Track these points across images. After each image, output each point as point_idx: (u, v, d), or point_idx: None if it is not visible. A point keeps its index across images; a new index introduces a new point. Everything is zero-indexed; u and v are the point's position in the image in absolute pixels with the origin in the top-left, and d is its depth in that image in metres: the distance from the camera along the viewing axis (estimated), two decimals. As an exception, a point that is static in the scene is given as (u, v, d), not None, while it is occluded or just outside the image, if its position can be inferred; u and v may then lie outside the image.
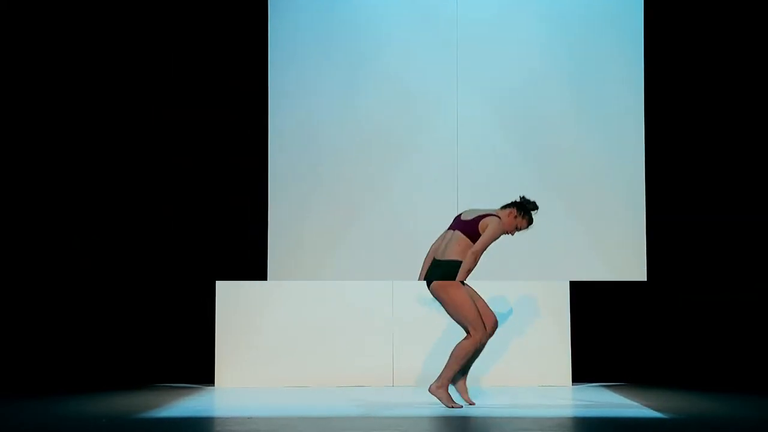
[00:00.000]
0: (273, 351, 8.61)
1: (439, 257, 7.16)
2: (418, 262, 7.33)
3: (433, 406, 7.23)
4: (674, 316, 8.96)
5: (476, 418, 6.62)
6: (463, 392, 7.24)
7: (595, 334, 8.86)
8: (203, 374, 8.67)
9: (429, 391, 7.13)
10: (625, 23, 8.82)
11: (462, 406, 7.10)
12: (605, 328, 8.92)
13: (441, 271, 7.11)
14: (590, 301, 8.86)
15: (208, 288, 8.69)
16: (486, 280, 8.71)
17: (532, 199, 7.25)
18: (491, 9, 8.84)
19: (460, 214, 7.28)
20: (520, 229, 7.25)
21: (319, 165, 8.26)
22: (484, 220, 7.13)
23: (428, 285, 7.20)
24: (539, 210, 7.22)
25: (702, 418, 6.54)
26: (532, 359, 8.64)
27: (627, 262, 8.70)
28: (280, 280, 8.68)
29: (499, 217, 7.15)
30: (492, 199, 8.57)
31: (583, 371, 8.74)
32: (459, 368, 7.13)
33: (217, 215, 8.90)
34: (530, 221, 7.24)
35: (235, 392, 8.21)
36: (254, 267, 8.79)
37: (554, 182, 8.73)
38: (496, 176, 8.73)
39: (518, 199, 7.25)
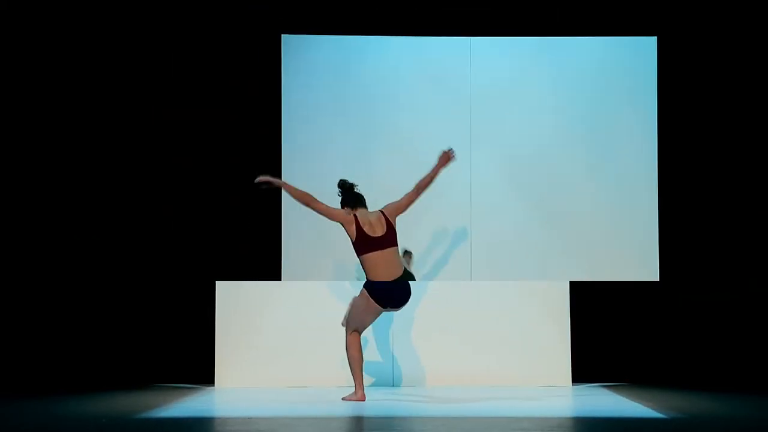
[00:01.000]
0: (273, 351, 8.61)
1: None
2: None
3: (434, 406, 7.23)
4: (674, 316, 8.96)
5: (476, 418, 6.62)
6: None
7: (595, 334, 8.86)
8: (203, 374, 8.67)
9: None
10: (638, 83, 8.91)
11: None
12: (605, 328, 8.92)
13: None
14: (590, 301, 8.86)
15: (208, 288, 8.69)
16: (486, 281, 8.74)
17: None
18: (504, 72, 8.91)
19: (378, 236, 7.48)
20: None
21: (331, 225, 8.14)
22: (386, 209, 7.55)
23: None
24: None
25: (702, 418, 6.54)
26: (532, 359, 8.64)
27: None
28: (281, 280, 8.68)
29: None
30: (506, 261, 8.73)
31: (583, 371, 8.74)
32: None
33: (218, 216, 8.91)
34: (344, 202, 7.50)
35: (235, 392, 8.21)
36: (255, 267, 8.81)
37: (569, 244, 8.82)
38: (510, 238, 8.83)
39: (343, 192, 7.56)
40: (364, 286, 7.55)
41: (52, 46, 8.87)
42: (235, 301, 8.66)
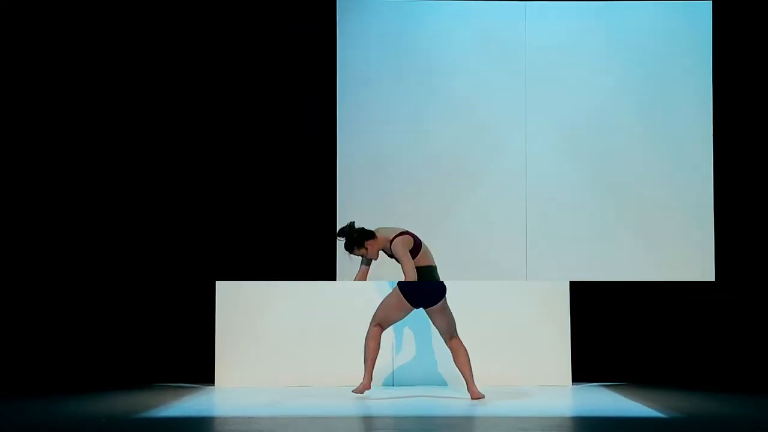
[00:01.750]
0: (273, 351, 8.61)
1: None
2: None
3: (434, 406, 7.24)
4: (674, 316, 8.95)
5: (476, 418, 6.62)
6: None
7: (595, 334, 8.85)
8: (203, 374, 8.67)
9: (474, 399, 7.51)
10: (694, 49, 8.82)
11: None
12: (605, 328, 8.92)
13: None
14: (591, 301, 8.86)
15: (208, 288, 8.69)
16: (485, 281, 8.73)
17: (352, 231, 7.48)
18: (559, 37, 8.84)
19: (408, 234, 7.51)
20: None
21: (388, 193, 8.14)
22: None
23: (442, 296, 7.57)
24: None
25: (702, 418, 6.54)
26: (532, 359, 8.64)
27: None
28: (280, 281, 8.68)
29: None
30: (560, 229, 8.67)
31: (583, 371, 8.73)
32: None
33: (217, 215, 8.90)
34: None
35: (235, 392, 8.20)
36: (260, 267, 8.81)
37: (624, 211, 8.77)
38: (565, 206, 8.78)
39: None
40: (398, 284, 7.61)
41: (50, 44, 8.86)
42: (235, 301, 8.66)
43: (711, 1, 8.83)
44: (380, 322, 7.68)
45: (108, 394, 7.88)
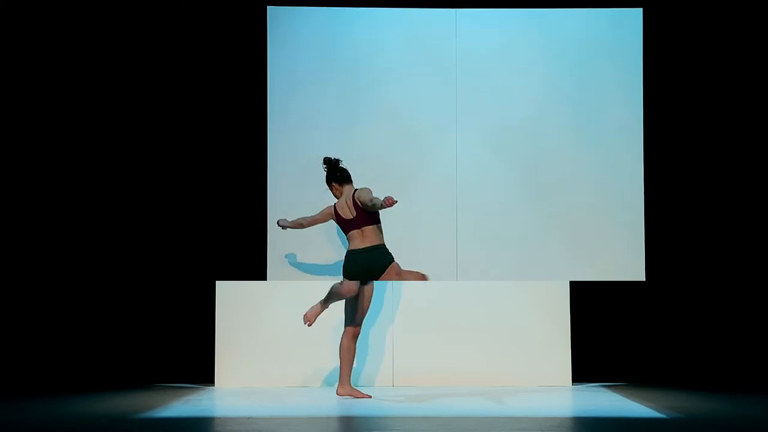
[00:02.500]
0: (273, 351, 8.61)
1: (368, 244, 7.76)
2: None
3: (434, 406, 7.23)
4: (674, 316, 8.96)
5: (476, 418, 6.62)
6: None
7: (595, 334, 8.85)
8: (203, 374, 8.67)
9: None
10: (625, 53, 8.79)
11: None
12: (605, 328, 8.92)
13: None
14: (590, 301, 8.86)
15: (208, 288, 8.69)
16: (484, 281, 8.74)
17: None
18: (490, 42, 8.81)
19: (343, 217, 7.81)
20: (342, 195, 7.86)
21: (319, 198, 8.18)
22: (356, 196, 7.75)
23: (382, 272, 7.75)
24: None
25: (702, 418, 6.54)
26: (532, 359, 8.64)
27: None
28: (280, 281, 8.68)
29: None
30: (491, 231, 8.63)
31: (583, 371, 8.74)
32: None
33: (217, 215, 8.90)
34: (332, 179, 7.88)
35: (235, 392, 8.21)
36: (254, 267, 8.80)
37: (553, 213, 8.71)
38: (496, 209, 8.72)
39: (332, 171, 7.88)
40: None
41: (34, 43, 8.88)
42: (235, 301, 8.67)
43: (641, 8, 8.82)
44: (350, 323, 7.81)
45: (108, 394, 7.88)
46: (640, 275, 8.69)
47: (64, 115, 8.88)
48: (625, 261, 8.70)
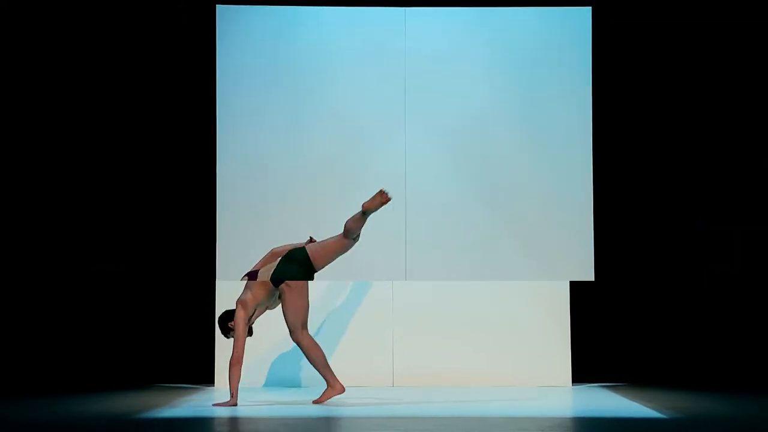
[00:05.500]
0: (273, 351, 8.60)
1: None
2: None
3: (434, 406, 7.23)
4: (675, 316, 8.96)
5: (476, 418, 6.62)
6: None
7: (595, 334, 8.85)
8: (203, 374, 8.67)
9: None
10: (574, 56, 8.73)
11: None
12: (605, 328, 8.92)
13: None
14: (590, 301, 8.86)
15: (208, 288, 8.68)
16: (484, 280, 8.73)
17: None
18: (440, 44, 8.75)
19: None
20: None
21: (266, 199, 8.20)
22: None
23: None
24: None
25: (702, 418, 6.54)
26: (532, 359, 8.64)
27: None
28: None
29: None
30: (440, 234, 8.58)
31: (583, 371, 8.74)
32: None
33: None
34: None
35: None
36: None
37: (502, 217, 8.65)
38: (445, 211, 8.65)
39: None
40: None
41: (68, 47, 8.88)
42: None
43: (590, 7, 8.80)
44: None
45: (108, 394, 7.88)
46: (589, 275, 8.64)
47: (72, 116, 8.89)
48: (574, 261, 8.66)
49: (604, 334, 8.89)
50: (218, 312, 8.58)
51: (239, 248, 8.46)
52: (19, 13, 8.76)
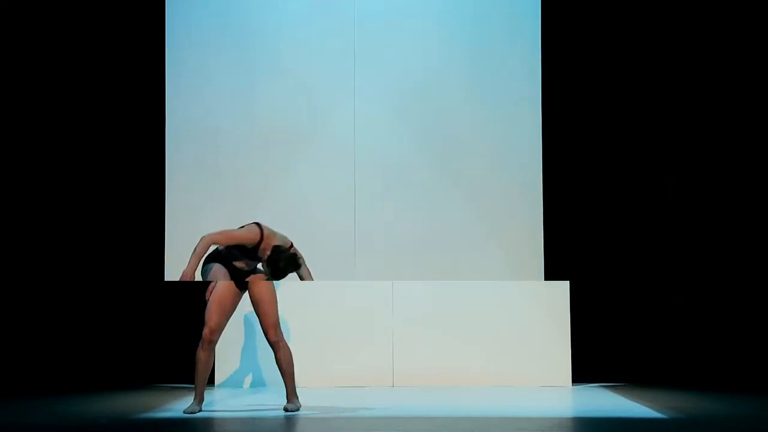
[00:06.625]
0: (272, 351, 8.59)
1: None
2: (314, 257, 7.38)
3: (434, 406, 7.23)
4: (675, 316, 8.96)
5: (476, 418, 6.62)
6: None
7: (595, 334, 8.85)
8: (203, 374, 8.66)
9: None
10: (523, 16, 8.73)
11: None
12: (605, 328, 8.92)
13: None
14: (590, 301, 8.86)
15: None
16: (482, 280, 8.72)
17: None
18: (389, 2, 8.77)
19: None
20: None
21: (217, 159, 8.29)
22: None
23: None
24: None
25: (702, 418, 6.54)
26: (532, 359, 8.64)
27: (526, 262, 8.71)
28: (280, 281, 8.67)
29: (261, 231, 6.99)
30: (389, 194, 8.59)
31: (583, 371, 8.74)
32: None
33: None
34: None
35: (236, 392, 8.21)
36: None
37: (452, 177, 8.67)
38: (394, 171, 8.68)
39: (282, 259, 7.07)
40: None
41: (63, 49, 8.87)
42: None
43: None
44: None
45: (108, 394, 7.88)
46: (539, 276, 8.64)
47: (65, 117, 8.88)
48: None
49: (604, 334, 8.89)
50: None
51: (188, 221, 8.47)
52: None
